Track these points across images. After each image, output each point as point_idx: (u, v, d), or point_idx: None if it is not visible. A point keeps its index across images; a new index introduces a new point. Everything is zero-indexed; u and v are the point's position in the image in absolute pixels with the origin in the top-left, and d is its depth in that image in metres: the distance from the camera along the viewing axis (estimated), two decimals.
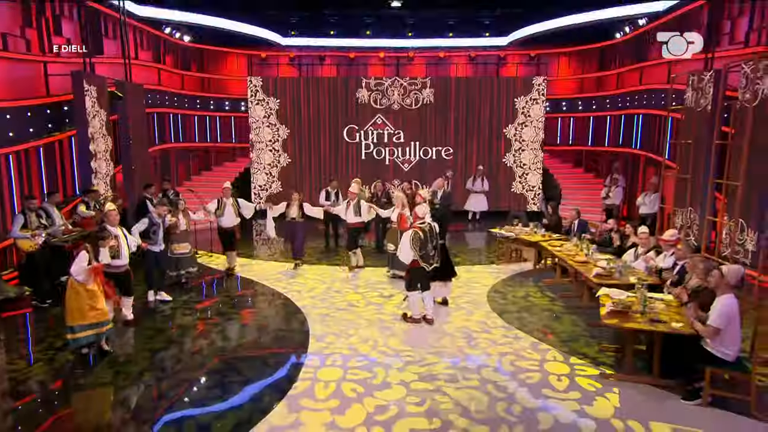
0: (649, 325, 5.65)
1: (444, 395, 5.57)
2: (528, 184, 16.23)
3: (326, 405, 5.36)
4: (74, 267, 6.14)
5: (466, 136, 16.26)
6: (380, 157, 16.47)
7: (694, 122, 10.50)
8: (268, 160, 16.35)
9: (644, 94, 14.54)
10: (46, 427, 5.09)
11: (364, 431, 4.91)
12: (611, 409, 5.34)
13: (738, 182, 8.94)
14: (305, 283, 9.56)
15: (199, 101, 17.02)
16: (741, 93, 9.32)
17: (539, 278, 9.84)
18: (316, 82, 16.38)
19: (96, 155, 10.76)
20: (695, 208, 10.54)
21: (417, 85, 16.09)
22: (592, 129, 16.92)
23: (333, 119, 16.29)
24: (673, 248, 7.36)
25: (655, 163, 13.98)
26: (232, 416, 5.19)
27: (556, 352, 6.61)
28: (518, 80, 16.08)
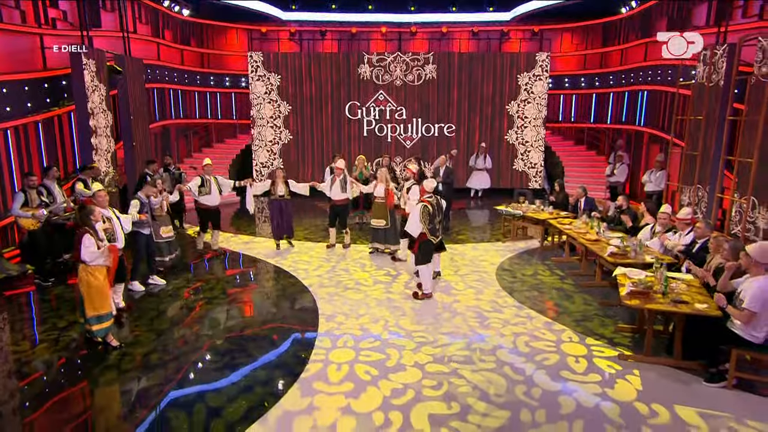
0: (673, 307, 5.35)
1: (461, 378, 5.28)
2: (530, 161, 15.84)
3: (340, 388, 5.07)
4: (86, 254, 5.58)
5: (469, 113, 15.81)
6: (382, 134, 16.04)
7: (706, 98, 10.10)
8: (269, 137, 15.91)
9: (649, 70, 14.08)
10: (51, 408, 4.80)
11: (381, 416, 4.63)
12: (634, 392, 5.07)
13: (752, 159, 8.60)
14: (310, 261, 9.23)
15: (199, 77, 16.44)
16: (757, 67, 8.89)
17: (547, 256, 9.54)
18: (317, 57, 15.81)
19: (96, 131, 10.30)
20: (704, 186, 10.20)
21: (419, 61, 15.59)
22: (595, 106, 16.48)
23: (335, 95, 15.82)
24: (688, 227, 7.05)
25: (659, 140, 13.60)
26: (244, 400, 4.89)
27: (571, 333, 6.33)
28: (521, 56, 15.55)
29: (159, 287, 7.88)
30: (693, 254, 6.62)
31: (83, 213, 5.85)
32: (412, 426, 4.49)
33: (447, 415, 4.66)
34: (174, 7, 15.35)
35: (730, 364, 5.15)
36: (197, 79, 16.34)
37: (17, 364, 5.69)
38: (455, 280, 8.18)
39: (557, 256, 9.42)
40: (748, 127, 8.95)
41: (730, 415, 4.76)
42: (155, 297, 7.58)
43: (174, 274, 8.50)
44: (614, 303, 7.20)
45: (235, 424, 4.52)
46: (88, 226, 5.72)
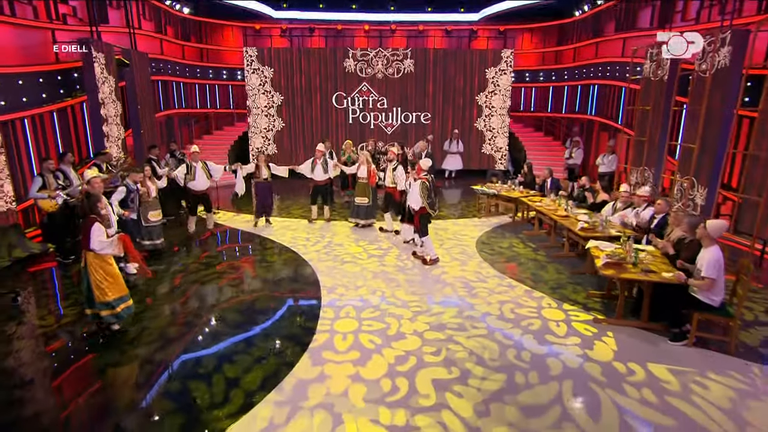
0: (643, 276, 5.17)
1: (457, 344, 5.02)
2: (496, 145, 15.56)
3: (347, 357, 4.76)
4: (95, 243, 4.88)
5: (443, 103, 15.39)
6: (366, 121, 15.53)
7: (653, 91, 9.90)
8: (263, 125, 15.25)
9: (599, 66, 13.84)
10: (74, 376, 4.39)
11: (389, 382, 4.34)
12: (611, 353, 4.90)
13: (694, 145, 8.46)
14: (308, 237, 8.82)
15: (199, 70, 15.59)
16: (697, 64, 8.70)
17: (518, 230, 9.32)
18: (306, 52, 15.13)
19: (107, 120, 9.61)
20: (650, 167, 10.07)
21: (399, 56, 15.05)
22: (552, 98, 16.23)
23: (323, 87, 15.21)
24: (645, 203, 6.88)
25: (608, 128, 13.47)
26: (259, 370, 4.54)
27: (549, 300, 6.12)
28: (489, 53, 15.13)
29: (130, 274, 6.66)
30: (651, 228, 6.45)
31: (90, 201, 5.14)
32: (418, 391, 4.22)
33: (449, 379, 4.41)
34: (175, 6, 14.41)
35: (691, 326, 5.03)
36: (197, 72, 15.51)
37: (44, 336, 5.24)
38: (441, 253, 7.87)
39: (527, 230, 9.19)
40: (690, 116, 8.80)
41: (695, 370, 4.65)
42: (166, 274, 7.06)
43: (181, 252, 8.02)
44: (583, 271, 7.04)
45: (254, 393, 4.19)
46: (95, 214, 5.03)
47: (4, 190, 7.42)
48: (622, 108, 12.62)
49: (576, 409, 4.02)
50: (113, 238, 5.04)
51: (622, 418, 3.93)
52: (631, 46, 12.60)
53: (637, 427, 3.83)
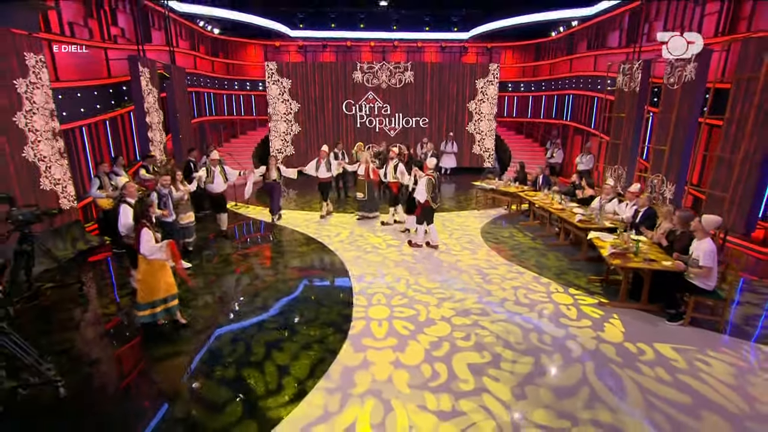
0: (647, 264, 4.82)
1: (483, 329, 4.65)
2: (484, 146, 15.13)
3: (386, 343, 4.37)
4: (144, 247, 4.31)
5: (439, 109, 14.90)
6: (371, 125, 15.00)
7: (627, 100, 9.51)
8: (282, 129, 14.68)
9: (573, 79, 13.43)
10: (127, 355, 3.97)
11: (429, 368, 3.97)
12: (620, 334, 4.57)
13: (665, 147, 8.11)
14: (330, 229, 8.38)
15: (226, 82, 14.92)
16: (666, 77, 8.32)
17: (514, 221, 8.94)
18: (320, 66, 14.53)
19: (151, 126, 9.03)
20: (624, 166, 9.73)
21: (400, 69, 14.51)
22: (531, 105, 15.77)
23: (334, 95, 14.66)
24: (635, 198, 6.52)
25: (581, 132, 13.09)
26: (305, 357, 4.14)
27: (556, 285, 5.77)
28: (478, 66, 14.65)
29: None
30: (638, 221, 6.08)
31: (143, 205, 4.59)
32: (458, 376, 3.85)
33: (482, 364, 4.05)
34: (207, 27, 13.69)
35: (688, 308, 4.70)
36: (225, 83, 14.85)
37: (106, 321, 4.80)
38: (452, 242, 7.50)
39: (523, 221, 8.82)
40: (660, 123, 8.43)
41: (695, 348, 4.34)
42: (207, 265, 6.57)
43: (212, 247, 7.54)
44: (579, 258, 6.69)
45: (304, 380, 3.79)
46: (146, 219, 4.44)
47: (67, 190, 6.90)
48: (594, 115, 12.24)
49: (603, 390, 3.68)
50: (162, 243, 4.42)
51: (645, 396, 3.59)
52: (602, 63, 12.25)
53: (659, 405, 3.50)
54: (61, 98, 7.15)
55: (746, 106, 6.55)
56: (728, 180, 6.85)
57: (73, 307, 5.15)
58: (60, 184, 6.89)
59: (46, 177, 6.66)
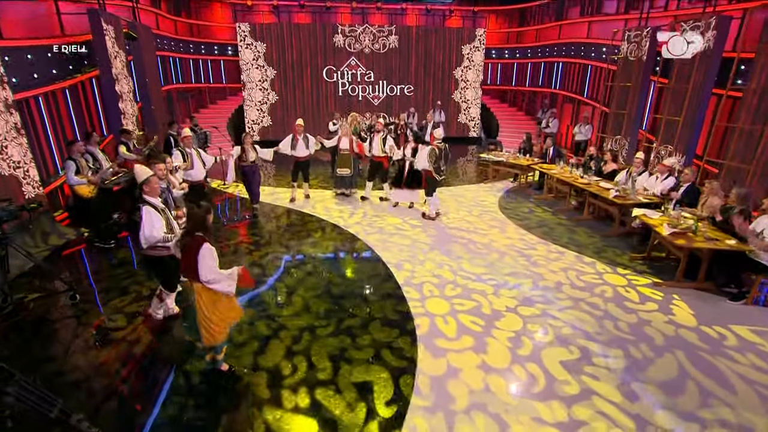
0: (711, 244, 4.66)
1: (555, 319, 4.32)
2: (470, 115, 14.72)
3: (463, 344, 3.91)
4: (206, 272, 3.03)
5: (424, 76, 14.19)
6: (354, 93, 14.06)
7: (634, 69, 9.32)
8: (258, 98, 13.41)
9: (563, 46, 13.12)
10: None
11: (521, 370, 3.58)
12: (691, 318, 4.40)
13: (679, 118, 8.04)
14: (342, 209, 7.68)
15: (192, 46, 13.20)
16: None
17: (526, 195, 8.68)
18: (297, 28, 13.21)
19: (122, 96, 7.71)
20: (626, 136, 9.67)
21: (384, 33, 13.53)
22: (516, 73, 15.40)
23: (313, 61, 13.49)
24: (667, 171, 6.37)
25: (572, 101, 12.95)
26: (380, 369, 3.60)
27: (603, 265, 5.54)
28: (464, 31, 13.97)
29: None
30: (682, 196, 5.96)
31: (201, 212, 3.16)
32: (556, 377, 3.49)
33: (574, 360, 3.71)
34: None
35: (753, 286, 4.62)
36: (190, 47, 13.14)
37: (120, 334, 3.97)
38: (475, 220, 7.10)
39: (536, 195, 8.57)
40: (672, 93, 8.32)
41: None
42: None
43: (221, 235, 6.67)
44: (610, 234, 6.52)
45: (395, 402, 3.25)
46: (206, 229, 3.16)
47: (30, 174, 5.68)
48: (588, 83, 12.07)
49: (709, 383, 3.47)
50: (233, 270, 3.20)
51: (754, 388, 3.43)
52: (595, 30, 11.97)
53: None
54: (8, 60, 5.78)
55: None
56: (747, 151, 6.87)
57: (69, 322, 4.23)
58: (21, 167, 5.68)
59: (2, 159, 5.44)
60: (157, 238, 3.64)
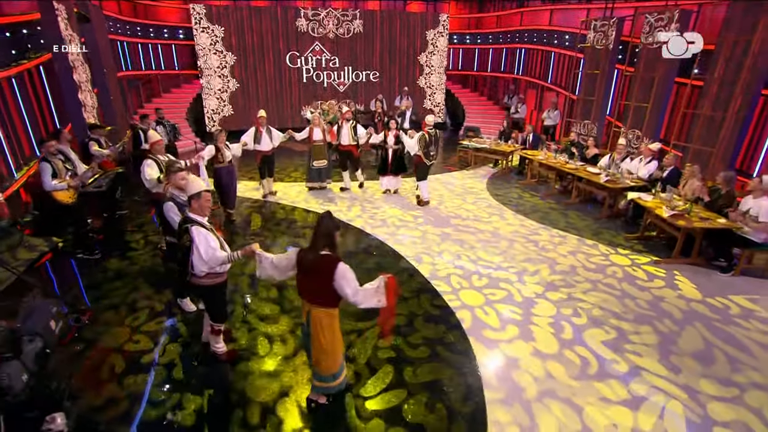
0: (707, 224, 5.16)
1: (582, 302, 4.59)
2: (435, 101, 14.90)
3: (511, 334, 4.05)
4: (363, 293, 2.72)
5: (389, 62, 14.09)
6: (319, 80, 13.65)
7: (601, 58, 9.89)
8: (217, 86, 12.59)
9: (525, 33, 13.59)
10: None
11: (572, 354, 3.78)
12: (696, 291, 4.88)
13: (647, 104, 8.70)
14: (337, 204, 7.51)
15: (139, 28, 11.98)
16: (644, 37, 8.78)
17: (509, 180, 9.00)
18: (257, 11, 12.47)
19: (80, 86, 6.88)
20: (594, 121, 10.30)
21: (348, 17, 13.19)
22: (477, 58, 15.73)
23: (275, 46, 12.88)
24: (651, 155, 6.90)
25: (535, 86, 13.51)
26: (443, 367, 3.63)
27: (604, 247, 5.94)
28: (428, 16, 14.01)
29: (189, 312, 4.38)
30: (664, 179, 6.50)
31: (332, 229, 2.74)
32: (605, 357, 3.74)
33: (613, 339, 3.99)
34: None
35: (741, 260, 5.20)
36: (138, 30, 11.93)
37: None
38: (473, 209, 7.27)
39: (519, 180, 8.92)
40: (639, 81, 8.93)
41: (762, 296, 4.77)
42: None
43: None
44: (600, 216, 6.98)
45: (470, 398, 3.30)
46: (333, 249, 2.75)
47: None
48: (551, 69, 12.64)
49: (733, 351, 3.89)
50: (380, 282, 2.78)
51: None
52: (557, 17, 12.51)
53: None
54: None
55: (731, 67, 7.19)
56: (709, 135, 7.62)
57: (92, 355, 3.80)
58: None
59: None
60: (220, 259, 3.13)
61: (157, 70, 12.72)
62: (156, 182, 4.60)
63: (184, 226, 3.13)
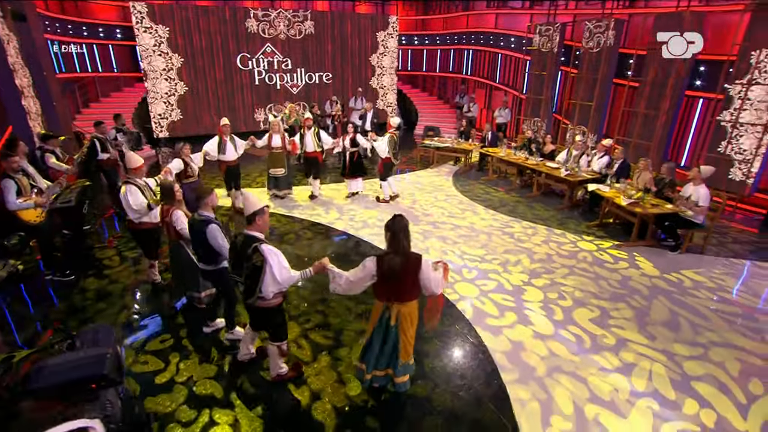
0: (657, 209, 5.91)
1: (563, 286, 5.09)
2: (388, 101, 15.24)
3: (510, 320, 4.43)
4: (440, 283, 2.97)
5: (342, 64, 14.19)
6: (272, 82, 13.43)
7: (549, 60, 10.75)
8: (164, 89, 11.97)
9: (472, 35, 14.33)
10: None
11: (568, 333, 4.23)
12: (654, 269, 5.58)
13: (591, 102, 9.62)
14: (315, 209, 7.55)
15: (71, 27, 11.06)
16: (585, 42, 9.72)
17: (472, 177, 9.48)
18: (204, 11, 11.99)
19: (23, 91, 6.34)
20: (543, 119, 11.18)
21: (299, 18, 13.10)
22: (426, 59, 16.29)
23: (225, 47, 12.49)
24: (604, 150, 7.65)
25: (483, 85, 14.29)
26: (458, 353, 3.92)
27: (572, 235, 6.55)
28: (378, 18, 14.29)
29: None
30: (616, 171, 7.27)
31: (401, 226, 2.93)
32: (594, 334, 4.23)
33: (597, 317, 4.50)
34: None
35: (686, 239, 6.02)
36: (69, 29, 11.02)
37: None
38: (445, 206, 7.64)
39: (482, 176, 9.45)
40: (584, 82, 9.85)
41: (705, 269, 5.58)
42: None
43: None
44: (562, 207, 7.64)
45: (491, 381, 3.61)
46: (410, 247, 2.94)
47: None
48: (499, 70, 13.45)
49: (692, 318, 4.55)
50: (440, 269, 3.05)
51: (717, 314, 4.61)
52: (502, 21, 13.35)
53: (729, 318, 4.55)
54: None
55: (660, 72, 8.20)
56: (645, 131, 8.63)
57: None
58: None
59: None
60: (294, 278, 3.03)
61: (94, 72, 11.84)
62: (147, 209, 4.43)
63: (253, 245, 2.91)
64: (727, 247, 6.31)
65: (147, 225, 4.61)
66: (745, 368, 3.82)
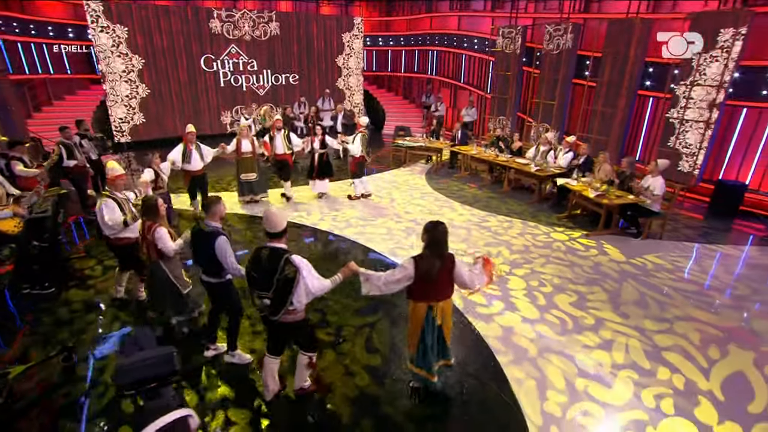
0: (621, 200, 6.47)
1: (542, 274, 5.49)
2: (354, 101, 15.42)
3: (498, 308, 4.76)
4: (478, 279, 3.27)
5: (308, 65, 14.23)
6: (237, 84, 13.29)
7: (512, 62, 11.29)
8: (125, 92, 11.58)
9: (436, 36, 14.76)
10: None
11: (552, 318, 4.61)
12: (621, 255, 6.10)
13: (554, 101, 10.24)
14: (298, 211, 7.63)
15: (17, 25, 10.44)
16: (545, 44, 10.33)
17: (444, 175, 9.85)
18: (165, 10, 11.68)
19: None
20: (508, 117, 11.74)
21: (264, 19, 13.04)
22: (390, 60, 16.59)
23: (188, 48, 12.23)
24: (569, 146, 8.19)
25: (449, 85, 14.76)
26: (456, 343, 4.17)
27: (544, 227, 7.01)
28: (343, 19, 14.42)
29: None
30: (580, 166, 7.84)
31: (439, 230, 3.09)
32: (575, 316, 4.63)
33: (576, 301, 4.91)
34: None
35: (645, 226, 6.62)
36: (14, 26, 10.41)
37: None
38: (422, 203, 7.94)
39: (454, 174, 9.82)
40: (546, 82, 10.45)
41: (664, 253, 6.17)
42: None
43: None
44: (533, 201, 8.12)
45: (488, 364, 3.91)
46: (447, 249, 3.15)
47: None
48: (463, 70, 13.95)
49: (659, 297, 5.07)
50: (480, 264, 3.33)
51: (678, 293, 5.16)
52: (465, 23, 13.85)
53: (690, 296, 5.11)
54: None
55: (615, 72, 8.89)
56: (603, 127, 9.31)
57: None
58: None
59: None
60: (326, 287, 3.01)
61: (45, 73, 11.23)
62: (123, 226, 4.26)
63: (284, 257, 2.85)
64: (680, 232, 6.99)
65: (125, 240, 4.40)
66: (704, 337, 4.33)
